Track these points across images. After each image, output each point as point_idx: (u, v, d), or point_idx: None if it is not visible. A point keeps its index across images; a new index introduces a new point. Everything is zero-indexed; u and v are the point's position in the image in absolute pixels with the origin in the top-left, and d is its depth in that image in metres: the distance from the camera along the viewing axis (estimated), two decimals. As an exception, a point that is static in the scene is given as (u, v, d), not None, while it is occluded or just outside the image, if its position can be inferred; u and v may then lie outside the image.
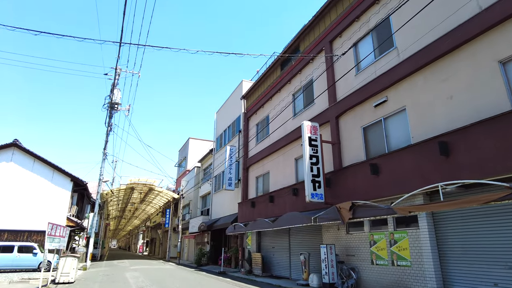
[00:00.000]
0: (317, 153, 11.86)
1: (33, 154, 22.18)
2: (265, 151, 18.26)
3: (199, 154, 36.66)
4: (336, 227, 11.75)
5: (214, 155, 27.85)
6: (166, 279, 14.78)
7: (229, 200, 23.01)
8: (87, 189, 24.04)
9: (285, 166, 16.15)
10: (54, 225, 12.46)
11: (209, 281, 14.19)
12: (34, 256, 19.14)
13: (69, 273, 13.86)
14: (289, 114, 16.29)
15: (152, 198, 39.20)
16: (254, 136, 19.99)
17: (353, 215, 9.28)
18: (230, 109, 25.23)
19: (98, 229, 35.01)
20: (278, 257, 15.82)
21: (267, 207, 16.34)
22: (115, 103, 24.87)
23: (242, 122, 22.26)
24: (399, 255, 9.15)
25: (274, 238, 16.42)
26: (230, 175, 20.99)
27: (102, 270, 19.70)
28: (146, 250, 56.44)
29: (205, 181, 29.72)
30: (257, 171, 19.32)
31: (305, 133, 11.93)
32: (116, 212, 49.61)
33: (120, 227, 77.05)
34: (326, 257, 10.88)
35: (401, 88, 10.17)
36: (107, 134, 24.32)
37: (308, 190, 11.24)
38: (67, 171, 22.73)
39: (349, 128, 12.20)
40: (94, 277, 15.50)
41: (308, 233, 13.76)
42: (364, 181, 10.42)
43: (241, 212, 19.49)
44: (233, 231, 18.40)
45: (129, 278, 15.06)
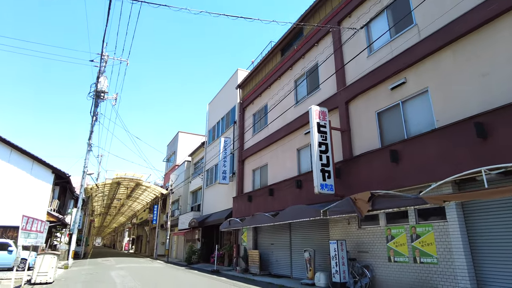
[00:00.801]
0: (326, 141, 10.81)
1: (9, 143, 20.46)
2: (263, 142, 17.15)
3: (189, 148, 35.27)
4: (346, 221, 10.74)
5: (206, 148, 26.57)
6: (156, 278, 13.52)
7: (222, 194, 21.81)
8: (70, 182, 22.45)
9: (286, 158, 15.07)
10: (29, 218, 11.06)
11: (202, 280, 13.01)
12: (9, 254, 17.61)
13: (47, 272, 12.46)
14: (290, 102, 15.22)
15: (139, 194, 37.61)
16: (250, 127, 18.85)
17: (373, 207, 8.26)
18: (224, 99, 24.00)
19: (82, 226, 33.28)
20: (278, 254, 14.75)
21: (266, 201, 15.24)
22: (101, 91, 23.38)
23: (237, 113, 21.08)
24: (423, 251, 8.18)
25: (273, 234, 15.33)
26: (224, 168, 19.80)
27: (85, 269, 18.25)
28: (132, 248, 54.63)
29: (196, 176, 28.42)
30: (253, 164, 18.19)
31: (313, 118, 10.87)
32: (101, 208, 47.72)
33: (105, 224, 74.75)
34: (337, 254, 9.85)
35: (422, 68, 9.20)
36: (92, 124, 22.81)
37: (317, 181, 10.18)
38: (48, 162, 21.11)
39: (360, 113, 11.20)
40: (76, 277, 14.11)
41: (312, 228, 12.73)
42: (381, 170, 9.43)
43: (236, 207, 18.34)
44: (227, 227, 17.24)
45: (115, 277, 13.74)
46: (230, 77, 23.54)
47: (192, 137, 38.32)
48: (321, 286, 10.67)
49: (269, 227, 15.45)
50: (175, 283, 11.95)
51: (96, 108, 23.47)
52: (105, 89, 23.47)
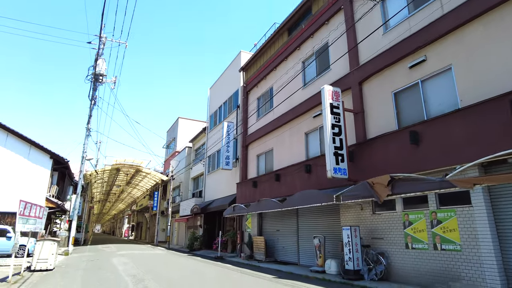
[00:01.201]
0: (339, 122, 10.27)
1: (5, 127, 19.83)
2: (268, 126, 16.59)
3: (189, 134, 34.67)
4: (359, 207, 10.29)
5: (208, 134, 25.99)
6: (159, 265, 13.15)
7: (225, 180, 21.37)
8: (69, 167, 21.93)
9: (293, 142, 14.55)
10: (27, 203, 10.57)
11: (208, 267, 12.65)
12: (7, 240, 17.22)
13: (47, 259, 12.06)
14: (298, 84, 14.59)
15: (139, 180, 37.21)
16: (254, 112, 18.25)
17: (393, 191, 7.78)
18: (226, 83, 23.31)
19: (82, 212, 32.95)
20: (284, 241, 14.38)
21: (272, 186, 14.78)
22: (100, 74, 22.69)
23: (240, 97, 20.44)
24: (444, 237, 7.75)
25: (279, 220, 14.94)
26: (227, 154, 19.28)
27: (86, 256, 17.91)
28: (132, 235, 54.56)
29: (197, 162, 27.93)
30: (258, 149, 17.67)
31: (326, 99, 10.30)
32: (100, 195, 47.41)
33: (104, 211, 74.71)
34: (350, 241, 9.43)
35: (446, 44, 8.60)
36: (91, 108, 22.17)
37: (330, 165, 9.68)
38: (46, 147, 20.52)
39: (375, 94, 10.62)
40: (76, 264, 13.73)
41: (321, 214, 12.30)
42: (398, 153, 8.93)
43: (240, 193, 17.90)
44: (231, 213, 16.83)
45: (117, 264, 13.36)
46: (232, 60, 22.80)
47: (192, 123, 37.67)
48: (332, 273, 10.30)
49: (275, 213, 15.05)
50: (179, 270, 11.56)
51: (95, 91, 22.80)
52: (104, 72, 22.77)
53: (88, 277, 10.02)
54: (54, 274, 10.83)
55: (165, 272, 10.96)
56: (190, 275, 10.35)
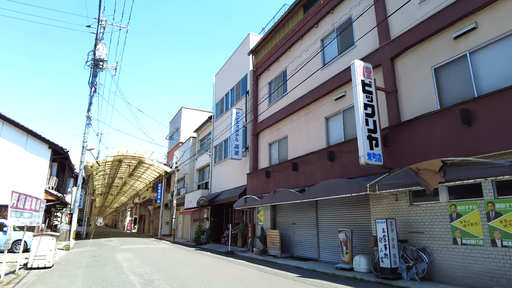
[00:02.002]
0: (372, 102, 9.08)
1: (1, 116, 18.68)
2: (282, 112, 15.40)
3: (193, 125, 33.50)
4: (394, 197, 9.15)
5: (214, 123, 24.81)
6: (167, 262, 12.10)
7: (233, 171, 20.25)
8: (69, 158, 20.83)
9: (311, 128, 13.38)
10: (21, 195, 9.47)
11: (221, 264, 11.59)
12: (4, 235, 16.21)
13: (45, 256, 11.02)
14: (316, 65, 13.36)
15: (141, 172, 36.17)
16: (266, 97, 17.04)
17: (446, 178, 6.64)
18: (234, 68, 22.04)
19: (83, 205, 31.98)
20: (301, 235, 13.30)
21: (288, 176, 13.66)
22: (100, 59, 21.47)
23: (249, 82, 19.21)
24: (506, 232, 6.62)
25: (295, 213, 13.84)
26: (236, 142, 18.12)
27: (87, 251, 16.90)
28: (134, 228, 53.74)
29: (202, 152, 26.79)
30: (270, 137, 16.51)
31: (357, 75, 9.09)
32: (102, 187, 46.46)
33: (106, 204, 73.98)
34: (386, 235, 8.31)
35: (502, 7, 7.37)
36: (91, 95, 21.01)
37: (364, 150, 8.52)
38: (44, 136, 19.40)
39: (410, 71, 9.41)
40: (77, 260, 12.69)
41: (345, 206, 11.18)
42: (447, 135, 7.75)
43: (251, 184, 16.80)
44: (242, 205, 15.74)
45: (122, 261, 12.31)
46: (240, 43, 21.50)
47: (196, 113, 36.45)
48: (362, 271, 9.22)
49: (291, 205, 13.96)
50: (191, 268, 10.49)
51: (95, 78, 21.62)
52: (104, 57, 21.56)
53: (90, 276, 8.95)
54: (53, 273, 9.78)
55: (176, 271, 9.88)
56: (204, 274, 9.28)
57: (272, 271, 9.98)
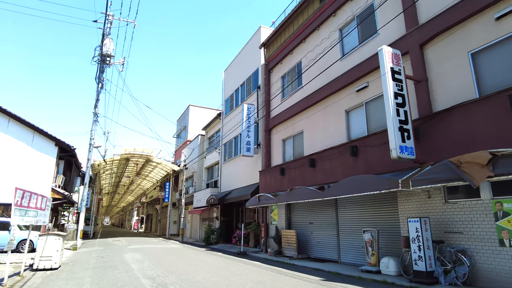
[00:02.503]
0: (402, 91, 8.36)
1: (7, 112, 18.24)
2: (296, 107, 14.71)
3: (201, 123, 32.94)
4: (426, 194, 8.42)
5: (223, 120, 24.18)
6: (180, 264, 11.48)
7: (244, 169, 19.60)
8: (75, 156, 20.36)
9: (329, 122, 12.67)
10: (26, 192, 8.90)
11: (236, 265, 10.94)
12: (11, 234, 15.73)
13: (51, 257, 10.48)
14: (334, 56, 12.65)
15: (149, 171, 35.69)
16: (279, 92, 16.35)
17: (495, 171, 5.91)
18: (244, 63, 21.38)
19: (90, 204, 31.59)
20: (319, 235, 12.61)
21: (305, 173, 12.97)
22: (107, 55, 20.97)
23: (261, 76, 18.54)
24: None
25: (312, 212, 13.15)
26: (248, 139, 17.46)
27: (95, 251, 16.37)
28: (141, 227, 53.38)
29: (211, 150, 26.18)
30: (284, 133, 15.82)
31: (385, 62, 8.38)
32: (109, 187, 46.13)
33: (113, 203, 73.85)
34: (420, 235, 7.59)
35: (554, -18, 6.62)
36: (98, 91, 20.52)
37: (395, 142, 7.80)
38: (51, 134, 18.93)
39: (443, 57, 8.66)
40: (85, 261, 12.14)
41: (369, 204, 10.46)
42: (488, 125, 7.02)
43: (264, 182, 16.12)
44: (256, 204, 15.08)
45: (131, 262, 11.73)
46: (250, 37, 20.82)
47: (204, 111, 35.89)
48: (391, 274, 8.51)
49: (308, 204, 13.27)
50: (205, 270, 9.85)
51: (102, 74, 21.14)
52: (111, 52, 21.06)
53: (99, 279, 8.36)
54: (59, 274, 9.22)
55: (190, 273, 9.25)
56: (221, 278, 8.63)
57: (292, 273, 9.30)
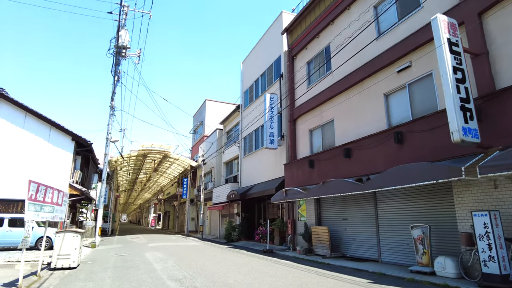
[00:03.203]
0: (461, 65, 7.22)
1: (24, 107, 17.83)
2: (325, 94, 13.63)
3: (218, 117, 32.14)
4: (490, 184, 7.28)
5: (242, 112, 23.27)
6: (206, 263, 10.64)
7: (266, 163, 18.65)
8: (92, 151, 19.85)
9: (365, 108, 11.57)
10: (40, 185, 8.16)
11: (268, 266, 10.02)
12: (29, 231, 15.28)
13: (69, 255, 9.81)
14: (368, 36, 11.50)
15: (166, 167, 35.20)
16: (304, 79, 15.27)
17: None
18: (264, 51, 20.38)
19: (108, 201, 31.30)
20: (355, 232, 11.55)
21: (338, 165, 11.91)
22: (123, 46, 20.31)
23: (284, 64, 17.50)
24: None
25: (346, 207, 12.10)
26: (271, 130, 16.48)
27: (114, 248, 15.77)
28: (158, 224, 53.29)
29: (230, 144, 25.33)
30: (310, 122, 14.77)
31: (441, 33, 7.24)
32: (126, 183, 46.04)
33: (130, 201, 74.28)
34: (490, 232, 6.47)
35: None
36: (114, 84, 19.92)
37: (458, 123, 6.68)
38: (67, 128, 18.43)
39: (508, 27, 7.47)
40: (104, 259, 11.46)
41: (416, 197, 9.35)
42: None
43: (289, 175, 15.13)
44: (282, 199, 14.12)
45: (153, 261, 10.96)
46: (271, 24, 19.78)
47: (221, 105, 35.08)
48: (449, 276, 7.42)
49: (341, 198, 12.23)
50: (235, 272, 8.97)
51: (118, 66, 20.52)
52: (127, 44, 20.40)
53: (120, 280, 7.58)
54: (78, 274, 8.51)
55: (220, 275, 8.38)
56: (255, 279, 7.73)
57: (332, 275, 8.32)
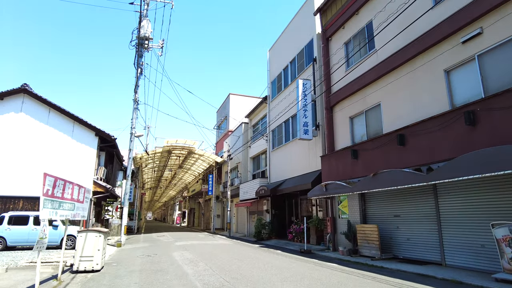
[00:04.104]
0: None
1: (47, 102, 17.35)
2: (369, 75, 12.13)
3: (242, 112, 31.04)
4: None
5: (269, 104, 21.99)
6: (241, 266, 9.48)
7: (298, 156, 17.31)
8: (117, 147, 19.18)
9: (419, 88, 10.01)
10: (58, 179, 7.24)
11: (315, 270, 8.73)
12: (54, 230, 14.81)
13: (92, 257, 8.90)
14: (418, 8, 9.92)
15: (191, 164, 34.49)
16: (343, 62, 13.77)
17: None
18: (293, 36, 18.99)
19: (133, 199, 30.92)
20: (410, 230, 10.05)
21: (389, 154, 10.43)
22: (145, 37, 19.52)
23: (317, 47, 16.06)
24: None
25: (397, 202, 10.60)
26: (305, 120, 15.10)
27: (140, 248, 14.94)
28: (183, 222, 52.99)
29: (258, 137, 24.13)
30: (351, 109, 13.30)
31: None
32: (151, 181, 45.88)
33: (155, 198, 74.75)
34: None
35: None
36: (137, 77, 19.14)
37: None
38: (91, 123, 17.80)
39: None
40: (130, 261, 10.52)
41: (490, 189, 7.76)
42: None
43: (328, 168, 13.73)
44: (322, 194, 12.76)
45: (182, 263, 9.91)
46: (300, 6, 18.34)
47: (245, 99, 33.95)
48: (552, 288, 5.86)
49: (390, 193, 10.74)
50: (283, 279, 7.74)
51: (140, 58, 19.74)
52: (149, 35, 19.58)
53: (149, 286, 6.52)
54: (101, 279, 7.53)
55: (265, 283, 7.16)
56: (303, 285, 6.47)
57: (396, 282, 6.92)
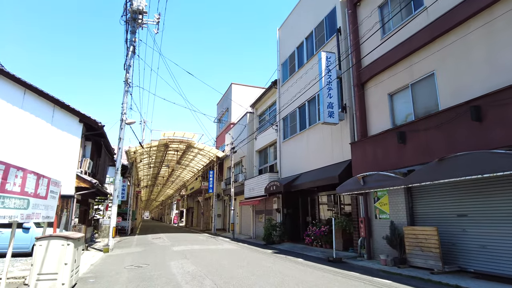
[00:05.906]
0: None
1: (22, 82, 14.68)
2: (418, 38, 9.59)
3: (246, 103, 28.47)
4: None
5: (279, 88, 19.45)
6: (263, 285, 6.95)
7: (317, 145, 14.78)
8: (105, 135, 16.58)
9: (498, 45, 7.51)
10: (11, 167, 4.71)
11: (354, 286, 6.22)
12: (25, 233, 12.33)
13: (56, 274, 6.36)
14: None
15: (189, 159, 31.91)
16: (378, 28, 11.18)
17: None
18: (309, 8, 16.43)
19: (127, 197, 28.32)
20: (484, 235, 7.56)
21: (455, 134, 7.91)
22: (138, 11, 17.00)
23: (341, 16, 13.54)
24: None
25: (462, 198, 8.10)
26: (330, 100, 12.55)
27: (131, 254, 12.39)
28: (181, 221, 50.40)
29: (265, 127, 21.57)
30: (390, 83, 10.78)
31: None
32: (147, 179, 43.25)
33: (152, 197, 72.11)
34: None
35: None
36: (128, 56, 16.59)
37: None
38: (74, 107, 15.16)
39: None
40: (114, 275, 7.94)
41: None
42: None
43: (360, 158, 11.21)
44: (358, 188, 10.24)
45: (182, 279, 7.36)
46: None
47: (248, 89, 31.45)
48: None
49: (453, 185, 8.25)
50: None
51: (133, 35, 17.20)
52: (143, 8, 17.04)
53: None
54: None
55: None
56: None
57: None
